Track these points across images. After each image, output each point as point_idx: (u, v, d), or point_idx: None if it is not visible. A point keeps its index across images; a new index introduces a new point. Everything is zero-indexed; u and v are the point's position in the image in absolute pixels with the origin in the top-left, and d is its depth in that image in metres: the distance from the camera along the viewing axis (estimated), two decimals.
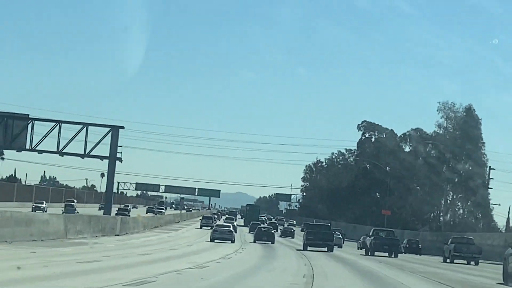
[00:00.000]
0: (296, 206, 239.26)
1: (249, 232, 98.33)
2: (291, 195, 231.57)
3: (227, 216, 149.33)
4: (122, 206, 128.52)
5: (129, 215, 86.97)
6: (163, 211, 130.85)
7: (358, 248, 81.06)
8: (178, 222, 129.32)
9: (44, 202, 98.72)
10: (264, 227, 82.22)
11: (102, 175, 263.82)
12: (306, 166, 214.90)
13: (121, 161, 76.78)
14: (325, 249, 64.48)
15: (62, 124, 78.43)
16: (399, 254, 67.03)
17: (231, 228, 72.11)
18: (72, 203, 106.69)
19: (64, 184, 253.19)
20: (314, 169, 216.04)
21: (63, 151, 77.25)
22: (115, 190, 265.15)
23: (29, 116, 78.42)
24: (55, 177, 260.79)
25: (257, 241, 73.62)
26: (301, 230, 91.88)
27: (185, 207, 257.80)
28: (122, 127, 78.60)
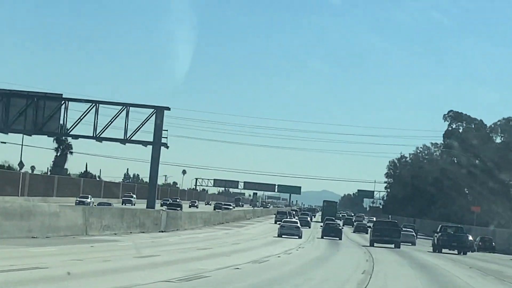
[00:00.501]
0: (380, 203, 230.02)
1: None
2: (373, 191, 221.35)
3: (302, 212, 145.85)
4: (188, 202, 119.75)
5: (180, 210, 78.08)
6: (230, 207, 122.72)
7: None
8: (250, 218, 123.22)
9: (90, 196, 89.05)
10: (332, 223, 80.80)
11: (184, 172, 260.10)
12: (389, 162, 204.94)
13: (166, 147, 67.55)
14: (392, 245, 63.40)
15: (100, 106, 69.52)
16: (468, 252, 64.50)
17: (298, 224, 72.58)
18: (131, 198, 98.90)
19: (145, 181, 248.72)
20: (398, 164, 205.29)
21: (101, 136, 68.30)
22: (192, 186, 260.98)
23: (63, 96, 69.83)
24: (138, 174, 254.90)
25: (324, 237, 73.19)
26: (368, 227, 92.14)
27: (264, 204, 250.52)
28: (168, 108, 69.09)
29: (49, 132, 67.05)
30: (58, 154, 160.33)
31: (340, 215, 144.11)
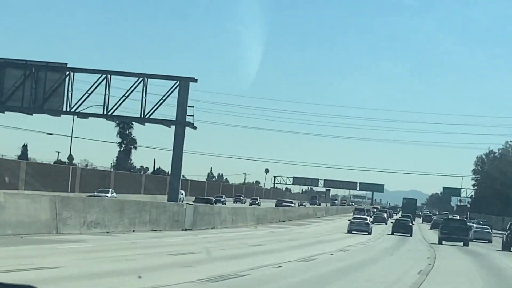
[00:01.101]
0: (467, 202, 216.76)
1: None
2: (460, 189, 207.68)
3: (380, 209, 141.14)
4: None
5: (213, 205, 67.89)
6: (292, 205, 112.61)
7: None
8: (320, 216, 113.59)
9: (111, 190, 78.49)
10: (402, 220, 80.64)
11: (267, 170, 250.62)
12: (477, 158, 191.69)
13: (193, 127, 55.92)
14: (461, 243, 62.56)
15: (112, 77, 57.19)
16: None
17: (368, 220, 73.87)
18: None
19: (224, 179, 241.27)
20: (486, 160, 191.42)
21: (113, 114, 57.19)
22: (270, 185, 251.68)
23: (68, 66, 57.55)
24: (222, 173, 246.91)
25: (394, 233, 73.39)
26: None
27: (343, 202, 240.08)
28: (194, 80, 56.22)
29: (51, 111, 56.21)
30: (122, 149, 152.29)
31: (421, 213, 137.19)
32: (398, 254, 42.71)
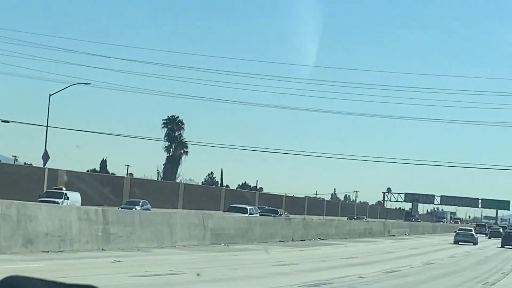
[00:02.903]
0: None
1: None
2: None
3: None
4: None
5: None
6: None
7: None
8: (423, 234, 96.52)
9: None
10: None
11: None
12: None
13: None
14: None
15: None
16: None
17: (473, 232, 75.98)
18: None
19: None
20: None
21: None
22: (373, 202, 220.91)
23: None
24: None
25: (505, 246, 70.04)
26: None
27: (459, 220, 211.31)
28: None
29: None
30: (170, 155, 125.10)
31: None
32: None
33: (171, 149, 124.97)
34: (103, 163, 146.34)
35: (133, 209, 43.31)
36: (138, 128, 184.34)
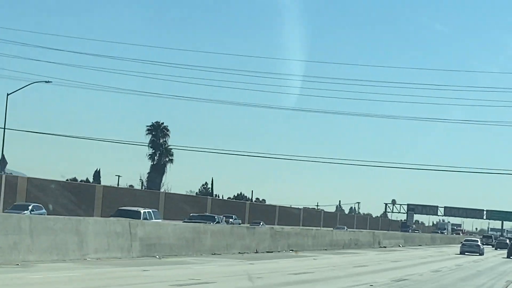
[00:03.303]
0: None
1: None
2: None
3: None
4: None
5: None
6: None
7: None
8: (420, 245, 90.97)
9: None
10: None
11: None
12: None
13: None
14: None
15: None
16: None
17: (479, 242, 76.97)
18: None
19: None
20: None
21: None
22: (378, 214, 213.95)
23: None
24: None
25: (510, 257, 68.62)
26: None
27: (461, 231, 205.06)
28: None
29: None
30: (155, 163, 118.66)
31: None
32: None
33: (155, 157, 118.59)
34: (97, 174, 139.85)
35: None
36: (119, 132, 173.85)
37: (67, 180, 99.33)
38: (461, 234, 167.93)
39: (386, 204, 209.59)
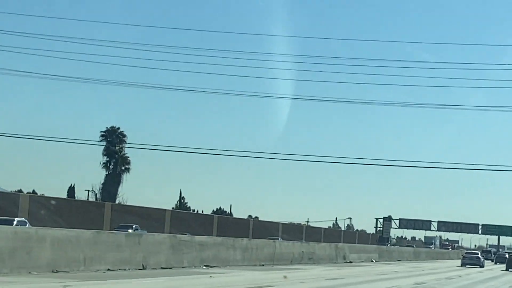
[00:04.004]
0: None
1: None
2: None
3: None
4: None
5: None
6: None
7: None
8: (400, 260, 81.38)
9: None
10: None
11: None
12: None
13: None
14: None
15: None
16: None
17: (479, 255, 79.17)
18: None
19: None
20: None
21: None
22: (371, 230, 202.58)
23: None
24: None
25: (509, 269, 68.15)
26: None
27: (450, 245, 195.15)
28: None
29: None
30: (110, 172, 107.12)
31: None
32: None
33: (110, 166, 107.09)
34: (71, 190, 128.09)
35: None
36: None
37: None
38: (450, 249, 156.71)
39: (377, 220, 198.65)
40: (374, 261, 72.30)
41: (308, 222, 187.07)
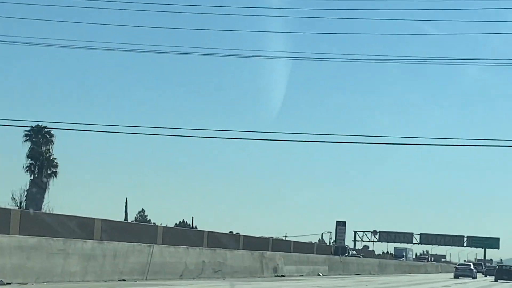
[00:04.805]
0: None
1: None
2: None
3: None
4: None
5: None
6: None
7: None
8: (359, 274, 69.92)
9: None
10: (506, 266, 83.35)
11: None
12: None
13: None
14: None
15: None
16: None
17: (472, 267, 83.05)
18: None
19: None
20: None
21: None
22: (348, 243, 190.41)
23: None
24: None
25: (498, 280, 72.72)
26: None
27: (426, 258, 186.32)
28: None
29: None
30: (35, 177, 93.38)
31: None
32: None
33: (35, 170, 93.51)
34: None
35: None
36: None
37: None
38: (426, 262, 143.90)
39: (355, 232, 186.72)
40: (321, 274, 59.10)
41: (286, 237, 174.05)
